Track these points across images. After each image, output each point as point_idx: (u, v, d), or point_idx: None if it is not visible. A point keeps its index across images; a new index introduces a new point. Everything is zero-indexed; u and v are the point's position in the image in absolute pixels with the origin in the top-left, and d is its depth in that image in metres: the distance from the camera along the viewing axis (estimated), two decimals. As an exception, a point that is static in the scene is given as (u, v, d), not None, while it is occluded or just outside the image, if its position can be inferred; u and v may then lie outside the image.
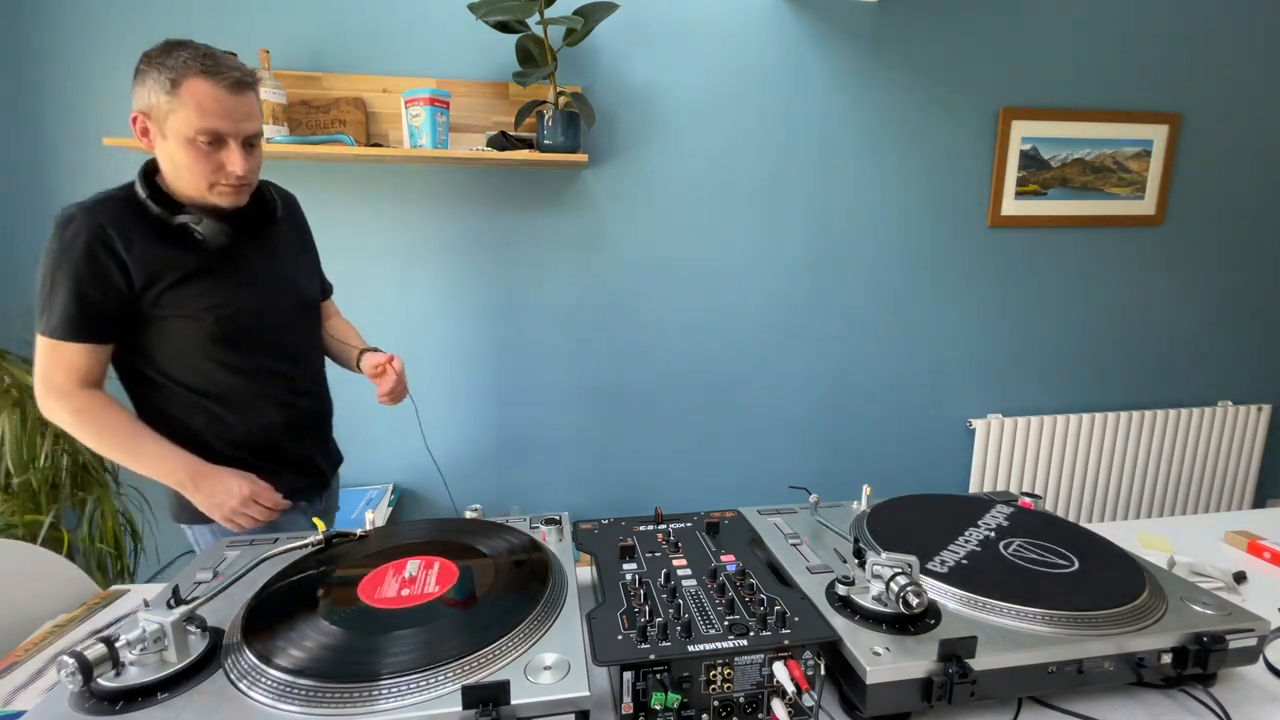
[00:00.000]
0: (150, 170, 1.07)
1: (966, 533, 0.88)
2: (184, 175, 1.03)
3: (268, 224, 1.17)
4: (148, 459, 1.05)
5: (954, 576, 0.75)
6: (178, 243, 1.05)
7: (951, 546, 0.83)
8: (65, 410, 1.04)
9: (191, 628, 0.63)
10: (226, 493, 1.05)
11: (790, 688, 0.60)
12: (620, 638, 0.63)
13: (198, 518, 1.13)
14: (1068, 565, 0.79)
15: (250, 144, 1.05)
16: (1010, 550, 0.82)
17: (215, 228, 1.05)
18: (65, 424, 1.05)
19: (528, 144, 1.98)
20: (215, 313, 1.07)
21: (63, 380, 1.03)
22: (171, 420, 1.11)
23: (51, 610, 0.93)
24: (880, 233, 2.36)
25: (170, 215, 1.03)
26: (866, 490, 1.00)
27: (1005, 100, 2.34)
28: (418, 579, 0.75)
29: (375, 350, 1.33)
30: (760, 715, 0.64)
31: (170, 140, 1.01)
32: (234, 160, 1.03)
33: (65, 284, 1.00)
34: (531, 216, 2.14)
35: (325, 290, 1.40)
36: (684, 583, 0.75)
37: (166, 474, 1.06)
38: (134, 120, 1.02)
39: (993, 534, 0.87)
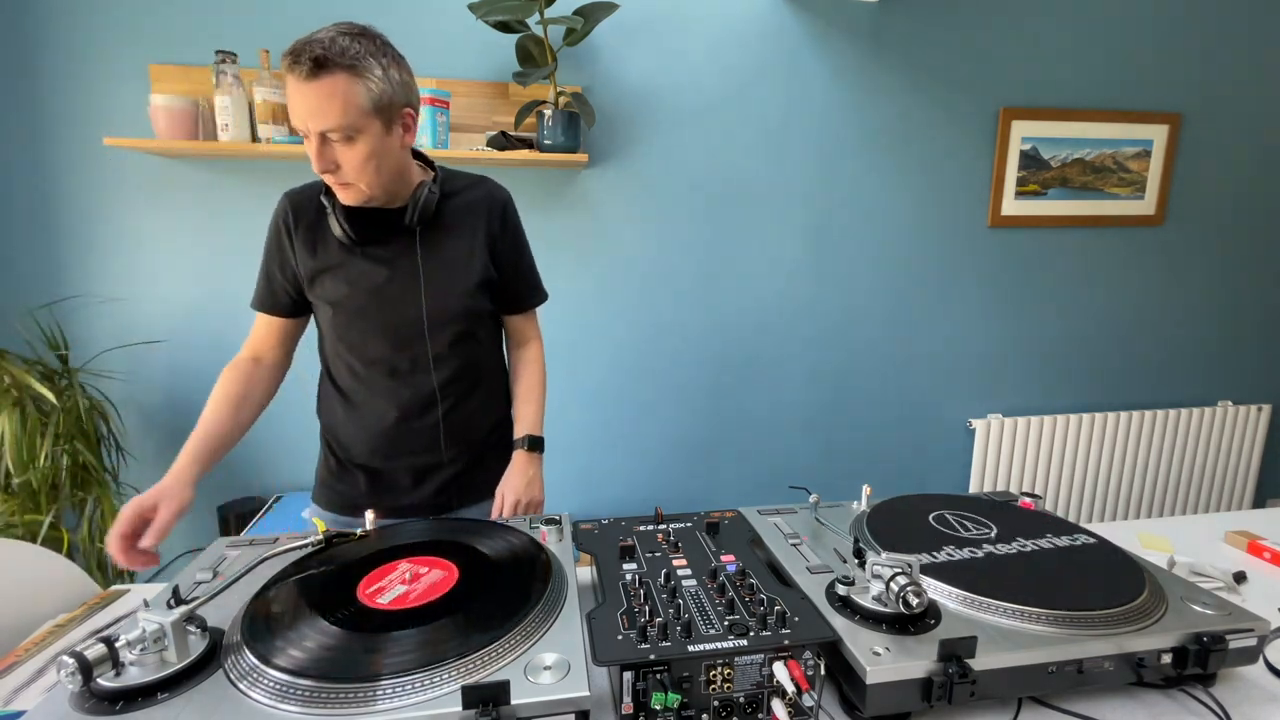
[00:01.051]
0: None
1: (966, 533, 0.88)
2: None
3: (401, 228, 1.06)
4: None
5: (954, 576, 0.75)
6: (327, 232, 1.06)
7: (951, 546, 0.83)
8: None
9: (191, 628, 0.63)
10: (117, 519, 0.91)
11: (790, 688, 0.60)
12: (620, 638, 0.63)
13: (319, 501, 1.19)
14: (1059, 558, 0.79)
15: (329, 138, 0.92)
16: (1010, 550, 0.82)
17: (336, 222, 1.02)
18: None
19: (528, 144, 1.98)
20: (335, 306, 1.07)
21: (246, 343, 1.13)
22: (318, 396, 1.18)
23: (51, 610, 0.93)
24: (880, 233, 2.36)
25: (328, 203, 1.02)
26: (866, 490, 0.99)
27: (1005, 100, 2.34)
28: (418, 579, 0.75)
29: (526, 449, 1.23)
30: (760, 715, 0.64)
31: None
32: (312, 155, 0.93)
33: (263, 258, 1.10)
34: (531, 216, 2.12)
35: (515, 304, 1.23)
36: (684, 583, 0.75)
37: None
38: None
39: (992, 534, 0.87)
